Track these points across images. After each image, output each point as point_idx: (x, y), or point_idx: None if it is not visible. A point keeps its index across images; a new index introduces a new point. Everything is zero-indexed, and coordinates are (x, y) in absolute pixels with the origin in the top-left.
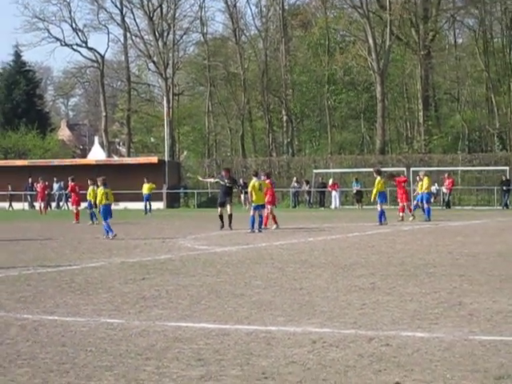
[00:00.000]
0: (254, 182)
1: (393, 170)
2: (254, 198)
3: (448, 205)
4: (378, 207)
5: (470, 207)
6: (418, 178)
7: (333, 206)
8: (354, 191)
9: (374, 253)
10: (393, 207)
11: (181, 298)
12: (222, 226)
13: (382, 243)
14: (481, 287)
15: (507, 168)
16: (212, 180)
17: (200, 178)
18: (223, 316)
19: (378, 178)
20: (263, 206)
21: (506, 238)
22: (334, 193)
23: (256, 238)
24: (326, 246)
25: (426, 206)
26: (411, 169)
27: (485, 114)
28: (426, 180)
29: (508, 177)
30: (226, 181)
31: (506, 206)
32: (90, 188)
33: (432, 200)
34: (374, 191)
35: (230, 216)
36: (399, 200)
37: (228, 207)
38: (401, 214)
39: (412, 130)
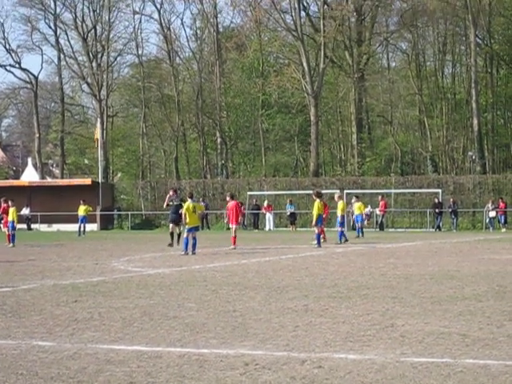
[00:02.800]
0: (188, 203)
1: (327, 192)
2: (187, 220)
3: (381, 227)
4: (316, 230)
5: (403, 229)
6: (352, 200)
7: (267, 228)
8: (288, 213)
9: (307, 275)
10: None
11: (113, 320)
12: (171, 245)
13: (315, 265)
14: (413, 309)
15: (440, 190)
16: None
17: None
18: (156, 338)
19: (318, 200)
20: (197, 229)
21: (438, 261)
22: (268, 215)
23: (190, 260)
24: (259, 268)
25: (339, 229)
26: (345, 191)
27: (417, 136)
28: (340, 203)
29: (440, 199)
30: (174, 199)
31: (439, 228)
32: (12, 209)
33: (366, 222)
34: (316, 214)
35: (179, 235)
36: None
37: (178, 226)
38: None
39: (346, 153)
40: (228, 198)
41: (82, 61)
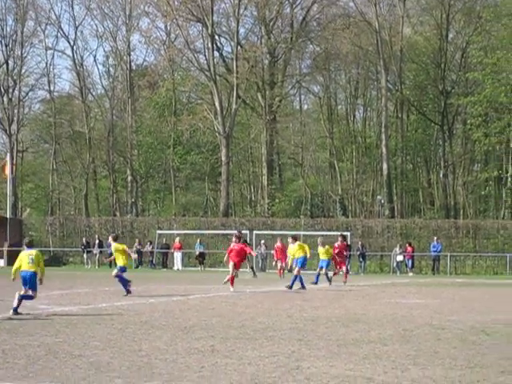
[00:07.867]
0: (117, 244)
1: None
2: (122, 259)
3: (290, 269)
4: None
5: (311, 272)
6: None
7: (175, 268)
8: (197, 253)
9: (214, 315)
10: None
11: (17, 357)
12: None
13: (222, 306)
14: (319, 352)
15: (348, 233)
16: None
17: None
18: (60, 377)
19: (297, 242)
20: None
21: (344, 303)
22: (176, 254)
23: (97, 298)
24: (166, 307)
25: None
26: (254, 232)
27: (327, 179)
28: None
29: (349, 242)
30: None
31: (347, 271)
32: None
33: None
34: (292, 256)
35: None
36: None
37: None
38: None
39: (256, 194)
40: (234, 239)
41: None
